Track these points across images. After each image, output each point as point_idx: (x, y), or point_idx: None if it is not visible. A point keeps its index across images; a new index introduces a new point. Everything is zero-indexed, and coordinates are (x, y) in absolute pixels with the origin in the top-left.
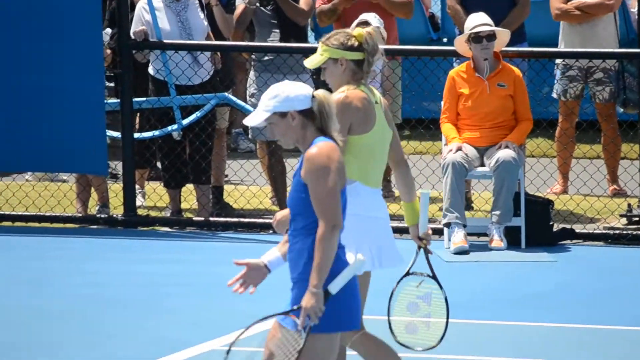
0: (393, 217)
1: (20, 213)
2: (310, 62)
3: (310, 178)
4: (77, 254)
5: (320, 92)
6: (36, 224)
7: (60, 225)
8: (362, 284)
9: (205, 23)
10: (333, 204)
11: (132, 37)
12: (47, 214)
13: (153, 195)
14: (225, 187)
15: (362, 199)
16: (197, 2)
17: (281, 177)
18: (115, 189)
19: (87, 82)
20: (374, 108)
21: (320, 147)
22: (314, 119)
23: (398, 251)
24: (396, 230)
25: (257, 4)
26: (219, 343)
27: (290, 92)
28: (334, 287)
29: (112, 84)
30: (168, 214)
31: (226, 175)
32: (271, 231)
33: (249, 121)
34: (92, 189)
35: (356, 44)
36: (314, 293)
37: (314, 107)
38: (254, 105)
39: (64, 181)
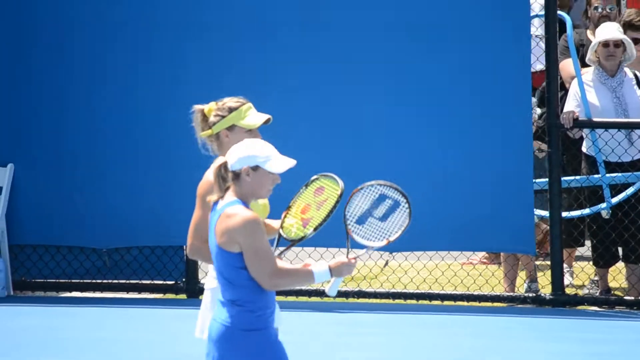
0: None
1: (449, 292)
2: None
3: None
4: (505, 333)
5: None
6: (475, 304)
7: (488, 304)
8: None
9: None
10: None
11: (561, 118)
12: (475, 292)
13: (581, 274)
14: None
15: None
16: (634, 78)
17: None
18: (542, 267)
19: (515, 161)
20: None
21: None
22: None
23: None
24: None
25: None
26: None
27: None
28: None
29: None
30: (597, 293)
31: None
32: None
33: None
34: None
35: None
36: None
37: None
38: None
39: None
